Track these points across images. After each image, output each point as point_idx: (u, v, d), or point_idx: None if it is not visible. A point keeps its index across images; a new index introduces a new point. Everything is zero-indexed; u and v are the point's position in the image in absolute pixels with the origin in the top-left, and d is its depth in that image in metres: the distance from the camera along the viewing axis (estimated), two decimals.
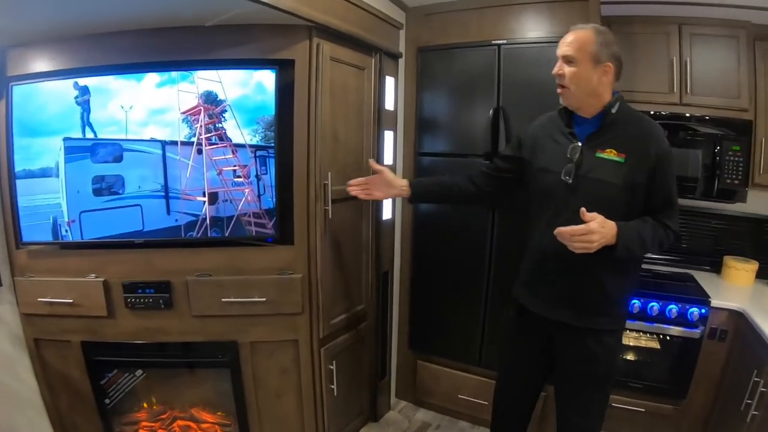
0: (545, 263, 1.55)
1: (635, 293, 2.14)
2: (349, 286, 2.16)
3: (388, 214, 2.37)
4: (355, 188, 1.80)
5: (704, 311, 2.07)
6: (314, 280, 1.90)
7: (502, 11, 2.15)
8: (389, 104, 2.30)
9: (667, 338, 2.14)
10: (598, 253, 1.35)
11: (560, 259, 1.45)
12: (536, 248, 1.58)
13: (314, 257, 1.89)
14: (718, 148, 2.22)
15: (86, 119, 1.88)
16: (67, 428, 2.11)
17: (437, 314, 2.45)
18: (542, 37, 2.09)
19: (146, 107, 1.85)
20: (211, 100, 1.80)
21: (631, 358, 2.25)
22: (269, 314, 1.90)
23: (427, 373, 2.51)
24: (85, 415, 2.07)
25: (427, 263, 2.48)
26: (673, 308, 2.11)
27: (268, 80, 1.79)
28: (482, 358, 2.35)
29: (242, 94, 1.80)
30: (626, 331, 2.17)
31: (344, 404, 2.17)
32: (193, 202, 1.85)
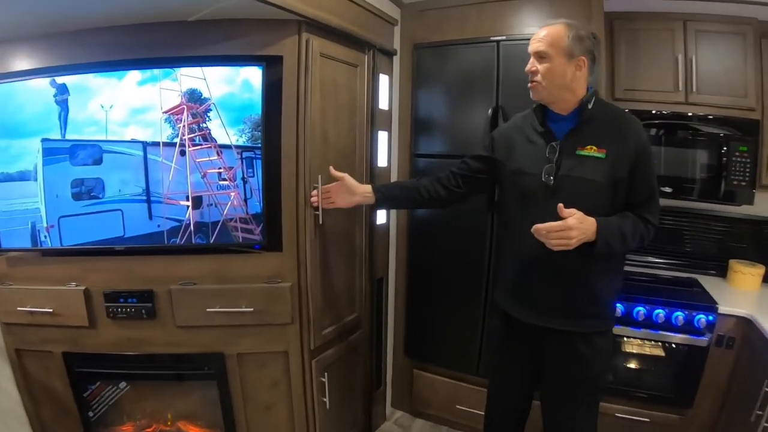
0: (529, 269, 1.47)
1: (641, 300, 2.02)
2: (341, 294, 2.02)
3: (382, 218, 2.24)
4: (315, 198, 1.70)
5: (712, 318, 1.95)
6: (304, 288, 1.76)
7: (501, 6, 2.02)
8: (383, 103, 2.17)
9: (672, 345, 2.02)
10: (583, 253, 1.31)
11: (545, 263, 1.40)
12: (518, 254, 1.50)
13: (304, 265, 1.74)
14: (725, 148, 2.10)
15: (64, 119, 1.74)
16: None
17: (434, 321, 2.31)
18: None
19: (127, 106, 1.71)
20: (194, 98, 1.66)
21: (634, 366, 2.13)
22: (257, 325, 1.76)
23: (423, 382, 2.37)
24: (68, 427, 1.95)
25: (423, 269, 2.34)
26: (679, 315, 1.99)
27: (254, 77, 1.65)
28: (480, 367, 2.21)
29: (228, 92, 1.66)
30: (629, 338, 2.07)
31: (337, 416, 2.03)
32: (176, 206, 1.71)
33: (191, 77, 1.66)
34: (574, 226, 1.27)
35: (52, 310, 1.79)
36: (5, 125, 1.74)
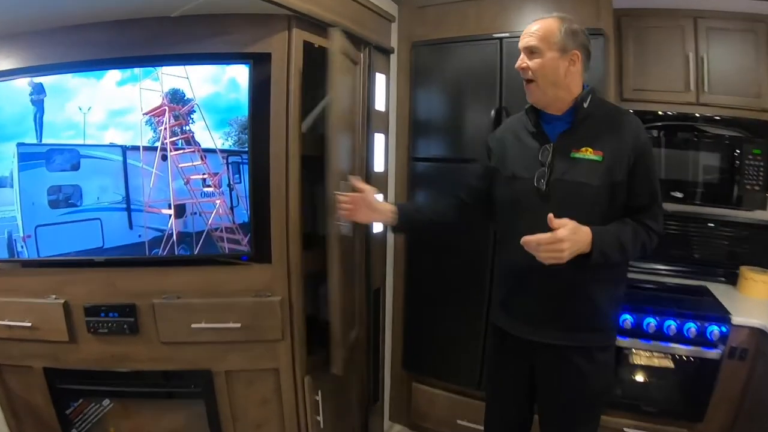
0: (523, 280, 1.34)
1: (651, 311, 1.86)
2: None
3: (379, 226, 2.07)
4: (344, 206, 1.47)
5: (725, 330, 1.79)
6: (295, 303, 1.60)
7: (503, 2, 1.87)
8: (380, 104, 2.01)
9: (682, 357, 1.86)
10: (578, 263, 1.17)
11: (537, 274, 1.25)
12: (511, 265, 1.37)
13: (295, 277, 1.59)
14: (737, 151, 1.94)
15: (40, 121, 1.59)
16: None
17: (433, 333, 2.14)
18: None
19: (106, 108, 1.56)
20: (177, 99, 1.51)
21: (641, 379, 1.96)
22: (245, 341, 1.61)
23: (422, 395, 2.21)
24: None
25: (422, 278, 2.18)
26: (691, 327, 1.82)
27: (241, 76, 1.50)
28: (482, 380, 2.04)
29: (212, 91, 1.51)
30: (638, 351, 1.90)
31: None
32: (157, 215, 1.55)
33: (173, 76, 1.50)
34: (565, 238, 1.13)
35: (30, 324, 1.64)
36: None
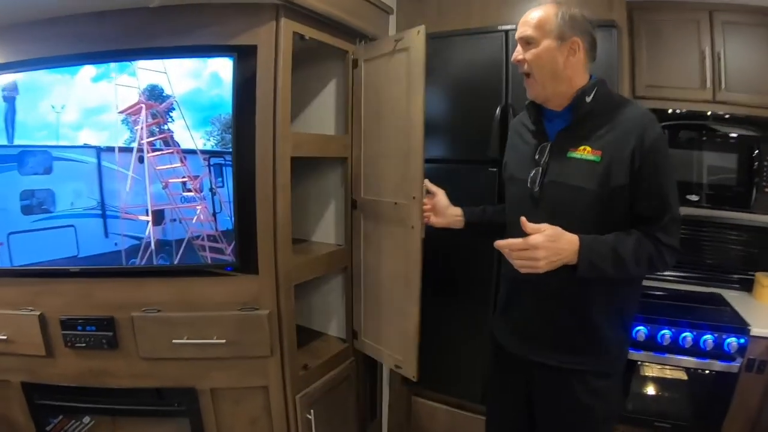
0: (518, 292, 1.21)
1: (666, 322, 1.68)
2: None
3: None
4: (428, 211, 1.39)
5: (743, 341, 1.62)
6: (285, 316, 1.42)
7: None
8: None
9: (697, 369, 1.69)
10: (571, 275, 1.03)
11: (534, 286, 1.12)
12: (508, 274, 1.22)
13: (284, 288, 1.41)
14: (756, 152, 1.75)
15: (12, 120, 1.42)
16: None
17: (434, 344, 1.92)
18: None
19: (80, 107, 1.38)
20: (155, 95, 1.32)
21: (653, 392, 1.80)
22: (231, 357, 1.43)
23: (423, 410, 2.02)
24: None
25: (423, 286, 1.97)
26: (708, 339, 1.65)
27: (224, 70, 1.33)
28: (488, 393, 1.85)
29: (193, 87, 1.33)
30: (651, 364, 1.74)
31: None
32: (134, 222, 1.38)
33: (151, 71, 1.32)
34: (539, 244, 0.98)
35: (6, 336, 1.48)
36: None
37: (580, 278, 1.04)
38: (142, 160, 1.33)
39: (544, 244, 0.99)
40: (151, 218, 1.35)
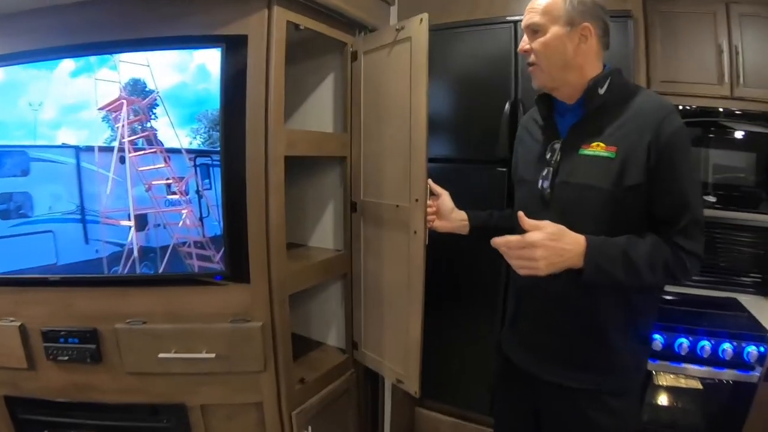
0: (526, 301, 1.09)
1: (683, 330, 1.53)
2: None
3: None
4: (432, 212, 1.25)
5: (763, 350, 1.48)
6: (279, 328, 1.28)
7: None
8: None
9: (714, 379, 1.55)
10: (578, 280, 0.90)
11: (542, 294, 1.00)
12: (516, 281, 1.11)
13: (278, 299, 1.26)
14: None
15: None
16: None
17: (439, 352, 1.79)
18: None
19: (59, 103, 1.24)
20: (137, 90, 1.18)
21: (666, 402, 1.65)
22: (222, 372, 1.28)
23: (426, 422, 1.87)
24: None
25: (426, 291, 1.82)
26: (727, 347, 1.51)
27: (212, 63, 1.18)
28: (494, 405, 1.70)
29: (178, 81, 1.18)
30: (665, 374, 1.59)
31: None
32: (116, 227, 1.23)
33: (133, 64, 1.18)
34: (537, 242, 0.86)
35: None
36: None
37: (586, 283, 0.90)
38: (123, 160, 1.19)
39: (543, 242, 0.86)
40: (133, 223, 1.21)
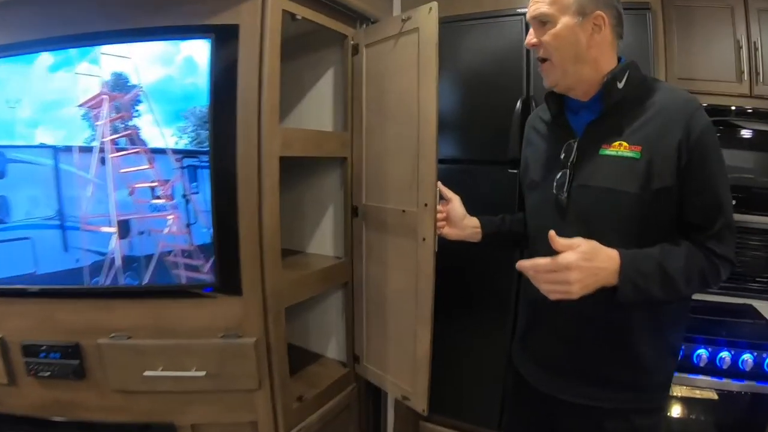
0: (542, 315, 0.96)
1: (702, 340, 1.41)
2: None
3: None
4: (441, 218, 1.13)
5: None
6: (274, 344, 1.14)
7: None
8: None
9: (732, 390, 1.42)
10: (611, 298, 0.78)
11: (563, 309, 0.84)
12: (530, 293, 0.98)
13: (273, 312, 1.13)
14: None
15: None
16: None
17: (445, 364, 1.64)
18: None
19: (36, 100, 1.11)
20: (119, 85, 1.05)
21: (680, 414, 1.52)
22: (213, 390, 1.15)
23: None
24: None
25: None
26: (747, 358, 1.38)
27: (200, 55, 1.05)
28: (503, 420, 1.57)
29: (163, 75, 1.05)
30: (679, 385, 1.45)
31: None
32: (97, 234, 1.10)
33: (115, 56, 1.05)
34: (572, 264, 0.74)
35: None
36: None
37: (621, 303, 0.78)
38: (104, 161, 1.06)
39: (578, 263, 0.74)
40: (116, 230, 1.08)
